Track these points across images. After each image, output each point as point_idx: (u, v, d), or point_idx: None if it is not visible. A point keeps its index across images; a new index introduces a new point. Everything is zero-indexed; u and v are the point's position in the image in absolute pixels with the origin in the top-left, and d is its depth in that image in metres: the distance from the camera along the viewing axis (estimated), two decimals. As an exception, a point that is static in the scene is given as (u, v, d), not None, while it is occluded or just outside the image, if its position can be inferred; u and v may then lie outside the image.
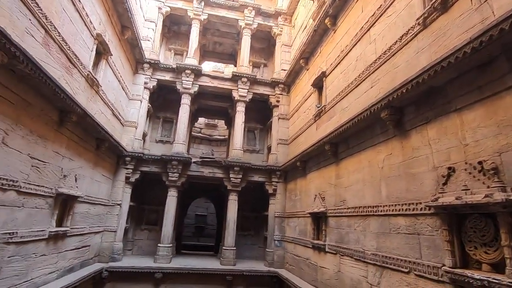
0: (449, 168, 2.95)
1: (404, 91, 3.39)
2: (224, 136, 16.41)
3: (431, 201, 3.03)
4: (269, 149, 9.92)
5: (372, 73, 4.65)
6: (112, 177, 7.97)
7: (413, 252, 3.38)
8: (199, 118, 16.31)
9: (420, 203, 3.31)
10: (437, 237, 3.06)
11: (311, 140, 6.70)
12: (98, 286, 7.24)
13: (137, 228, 9.46)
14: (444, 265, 2.90)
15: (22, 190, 3.99)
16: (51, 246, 4.98)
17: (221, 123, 17.01)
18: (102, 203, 7.33)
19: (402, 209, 3.60)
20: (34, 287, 4.54)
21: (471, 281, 2.52)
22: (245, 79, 9.44)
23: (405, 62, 3.85)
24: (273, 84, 9.76)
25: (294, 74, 9.04)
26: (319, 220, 6.26)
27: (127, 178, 8.18)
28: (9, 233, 3.83)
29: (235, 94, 9.50)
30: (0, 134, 3.50)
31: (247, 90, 9.51)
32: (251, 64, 10.61)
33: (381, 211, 4.03)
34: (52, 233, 4.86)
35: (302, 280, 6.54)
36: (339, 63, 6.00)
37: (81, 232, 6.21)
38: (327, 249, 5.56)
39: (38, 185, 4.38)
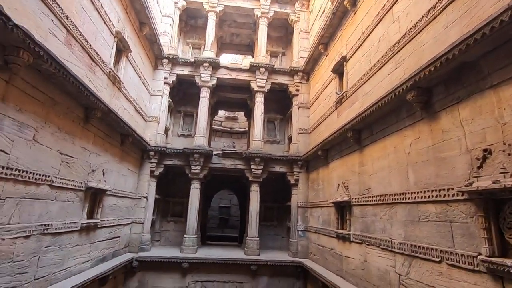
0: (485, 150, 2.72)
1: (432, 69, 3.16)
2: (244, 128, 16.43)
3: (465, 186, 2.83)
4: (290, 139, 9.80)
5: (396, 53, 4.38)
6: (138, 171, 8.24)
7: (444, 240, 3.19)
8: (219, 111, 16.42)
9: (452, 188, 3.10)
10: (471, 225, 2.86)
11: (332, 128, 6.52)
12: (129, 275, 7.60)
13: (163, 220, 9.78)
14: (480, 254, 2.71)
15: (54, 184, 4.21)
16: (83, 237, 5.25)
17: (241, 115, 17.04)
18: (129, 196, 7.61)
19: (432, 196, 3.40)
20: (70, 275, 4.82)
21: (511, 271, 2.33)
22: (263, 69, 9.32)
23: (433, 38, 3.58)
24: (291, 72, 9.56)
25: (313, 61, 8.78)
26: (342, 209, 6.12)
27: (151, 171, 8.43)
28: (45, 225, 4.06)
29: (253, 85, 9.42)
30: (31, 131, 3.69)
31: (265, 80, 9.39)
32: (268, 53, 10.46)
33: (408, 198, 3.84)
34: (84, 224, 5.12)
35: (327, 270, 6.47)
36: (360, 46, 5.73)
37: (111, 224, 6.50)
38: (352, 239, 5.43)
39: (68, 180, 4.60)
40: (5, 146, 3.25)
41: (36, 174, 3.79)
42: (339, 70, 6.79)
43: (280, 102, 10.74)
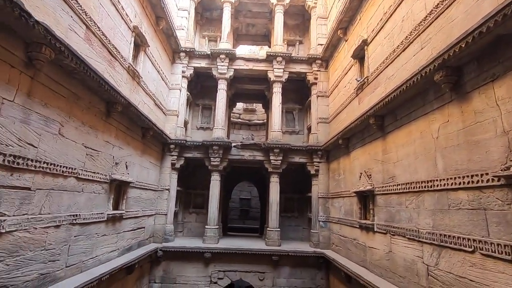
0: (524, 131, 2.50)
1: (463, 45, 2.91)
2: (263, 120, 16.35)
3: (501, 170, 2.62)
4: (309, 129, 9.62)
5: (422, 32, 4.11)
6: (159, 164, 8.44)
7: (478, 229, 2.99)
8: (237, 104, 16.44)
9: (486, 174, 2.88)
10: (509, 212, 2.65)
11: (353, 115, 6.29)
12: (154, 264, 7.86)
13: (185, 212, 10.00)
14: (518, 243, 2.51)
15: (80, 176, 4.37)
16: (110, 227, 5.45)
17: (259, 107, 16.95)
18: (152, 188, 7.82)
19: (464, 182, 3.18)
20: (99, 263, 5.04)
21: (556, 261, 2.14)
22: (280, 58, 9.14)
23: (463, 13, 3.31)
24: (309, 60, 9.31)
25: (331, 47, 8.50)
26: (365, 199, 5.94)
27: (172, 164, 8.60)
28: (73, 215, 4.24)
29: (270, 75, 9.28)
30: (57, 126, 3.82)
31: (282, 70, 9.22)
32: (285, 42, 10.25)
33: (437, 185, 3.63)
34: (110, 215, 5.31)
35: (350, 261, 6.34)
36: (382, 28, 5.44)
37: (136, 215, 6.71)
38: (375, 229, 5.26)
39: (93, 172, 4.76)
40: (33, 140, 3.39)
41: (63, 166, 3.94)
42: (359, 55, 6.51)
43: (298, 92, 10.56)
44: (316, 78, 9.25)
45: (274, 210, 8.50)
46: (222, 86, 9.27)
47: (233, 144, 8.92)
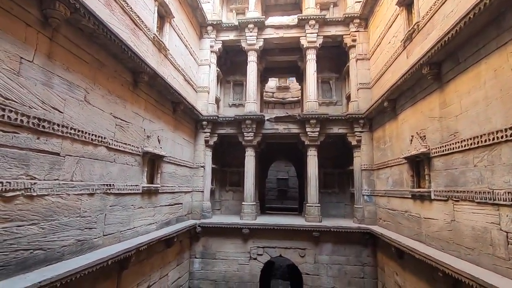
0: None
1: None
2: (297, 97, 15.65)
3: None
4: (348, 98, 8.82)
5: None
6: (193, 141, 8.37)
7: None
8: (270, 82, 15.98)
9: None
10: None
11: (400, 72, 5.45)
12: (194, 240, 7.93)
13: (222, 190, 9.94)
14: None
15: (111, 146, 4.31)
16: (146, 200, 5.45)
17: (293, 84, 16.28)
18: (187, 165, 7.78)
19: None
20: (137, 235, 5.07)
21: None
22: (313, 22, 8.37)
23: None
24: (346, 21, 8.41)
25: (371, 1, 7.53)
26: (418, 164, 5.20)
27: (206, 141, 8.48)
28: (107, 185, 4.22)
29: (303, 42, 8.58)
30: (82, 92, 3.73)
31: (316, 34, 8.46)
32: (318, 7, 9.37)
33: (520, 133, 2.87)
34: (145, 188, 5.28)
35: (401, 236, 5.69)
36: (435, -42, 4.51)
37: (172, 190, 6.70)
38: (433, 197, 4.55)
39: (124, 143, 4.70)
40: (58, 105, 3.31)
41: (92, 134, 3.88)
42: (406, 0, 5.59)
43: (334, 60, 9.74)
44: (354, 40, 8.35)
45: (313, 185, 8.02)
46: (252, 58, 8.82)
47: (266, 118, 8.51)
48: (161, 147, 5.93)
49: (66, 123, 3.42)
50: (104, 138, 4.16)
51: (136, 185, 5.03)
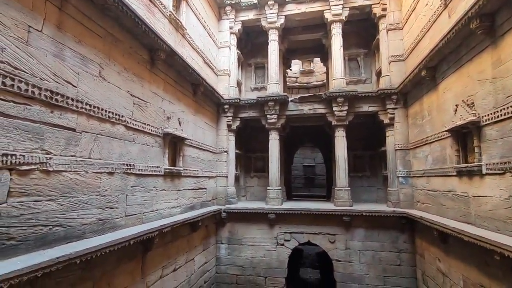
0: None
1: None
2: (322, 81, 14.99)
3: None
4: (378, 74, 8.14)
5: None
6: (215, 126, 8.19)
7: None
8: (293, 67, 15.43)
9: None
10: None
11: (441, 34, 4.79)
12: (220, 226, 7.82)
13: (247, 176, 9.74)
14: None
15: (129, 125, 4.19)
16: (169, 183, 5.34)
17: (317, 68, 15.63)
18: (210, 149, 7.63)
19: None
20: (160, 217, 4.98)
21: None
22: (338, -8, 7.76)
23: None
24: (375, -12, 7.70)
25: (404, -38, 6.79)
26: (465, 136, 4.59)
27: (228, 126, 8.27)
28: (127, 165, 4.11)
29: (327, 15, 8.00)
30: (96, 67, 3.60)
31: (341, 6, 7.84)
32: (342, -23, 8.71)
33: None
34: (167, 170, 5.16)
35: (445, 218, 5.11)
36: None
37: (195, 175, 6.58)
38: (484, 171, 3.97)
39: (143, 123, 4.57)
40: (71, 78, 3.19)
41: (109, 112, 3.76)
42: (447, -49, 4.88)
43: (361, 34, 9.02)
44: (384, 9, 7.62)
45: (342, 167, 7.54)
46: (273, 37, 8.40)
47: (290, 99, 8.11)
48: (182, 130, 5.78)
49: (80, 98, 3.30)
50: (122, 116, 4.04)
51: (157, 167, 4.92)
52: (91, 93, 3.48)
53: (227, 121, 8.24)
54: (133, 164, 4.26)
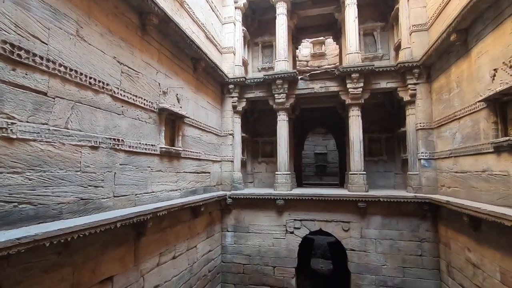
0: None
1: None
2: (334, 64, 14.17)
3: None
4: (397, 48, 7.39)
5: None
6: (220, 108, 7.70)
7: None
8: (303, 50, 14.76)
9: None
10: None
11: (476, -11, 4.08)
12: (225, 213, 7.40)
13: (254, 161, 9.24)
14: None
15: (117, 96, 3.73)
16: (166, 164, 4.90)
17: (329, 50, 14.77)
18: (214, 132, 7.15)
19: None
20: (157, 200, 4.55)
21: None
22: (352, -44, 7.00)
23: None
24: (394, -50, 6.91)
25: None
26: (504, 106, 3.91)
27: (234, 107, 7.75)
28: (115, 139, 3.67)
29: (340, -17, 7.28)
30: (73, 25, 3.12)
31: (356, -28, 7.10)
32: None
33: None
34: (164, 149, 4.71)
35: (477, 202, 4.46)
36: None
37: (197, 157, 6.13)
38: (532, 144, 3.32)
39: (135, 95, 4.11)
40: (39, 33, 2.72)
41: (90, 78, 3.29)
42: None
43: (377, 6, 8.25)
44: (405, -27, 6.84)
45: (356, 149, 6.92)
46: (281, 11, 7.74)
47: (299, 76, 7.48)
48: (180, 107, 5.30)
49: (52, 57, 2.84)
50: (107, 84, 3.58)
51: (152, 145, 4.47)
52: (66, 53, 3.02)
53: (232, 102, 7.72)
54: (122, 140, 3.81)
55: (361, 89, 6.87)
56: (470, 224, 4.50)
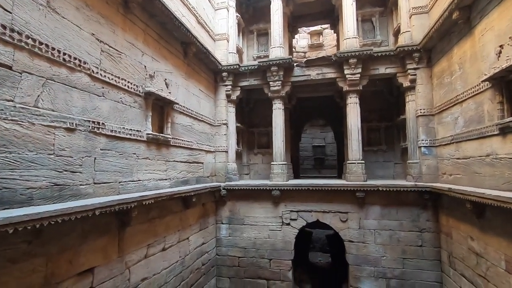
0: None
1: None
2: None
3: None
4: (396, 33, 7.12)
5: None
6: (213, 96, 7.45)
7: None
8: (301, 40, 14.44)
9: None
10: None
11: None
12: (220, 204, 7.19)
13: (250, 153, 9.00)
14: None
15: (96, 76, 3.48)
16: (154, 151, 4.65)
17: (327, 41, 14.45)
18: (207, 121, 6.90)
19: None
20: (144, 189, 4.32)
21: None
22: None
23: None
24: None
25: None
26: (511, 83, 3.66)
27: (228, 96, 7.49)
28: (94, 122, 3.42)
29: (337, -34, 6.98)
30: (43, -6, 2.86)
31: (354, -47, 6.80)
32: None
33: None
34: (150, 136, 4.47)
35: (480, 188, 4.23)
36: None
37: (189, 146, 5.89)
38: (542, 122, 3.08)
39: (117, 77, 3.85)
40: (1, 0, 2.46)
41: (64, 54, 3.03)
42: None
43: (377, -10, 7.94)
44: (404, -46, 6.55)
45: (354, 138, 6.69)
46: (275, -5, 7.45)
47: (295, 63, 7.22)
48: (169, 92, 5.05)
49: (18, 28, 2.58)
50: (85, 63, 3.32)
51: (138, 131, 4.23)
52: (35, 25, 2.76)
53: (226, 91, 7.46)
54: (103, 123, 3.56)
55: (359, 75, 6.62)
56: (473, 211, 4.28)
